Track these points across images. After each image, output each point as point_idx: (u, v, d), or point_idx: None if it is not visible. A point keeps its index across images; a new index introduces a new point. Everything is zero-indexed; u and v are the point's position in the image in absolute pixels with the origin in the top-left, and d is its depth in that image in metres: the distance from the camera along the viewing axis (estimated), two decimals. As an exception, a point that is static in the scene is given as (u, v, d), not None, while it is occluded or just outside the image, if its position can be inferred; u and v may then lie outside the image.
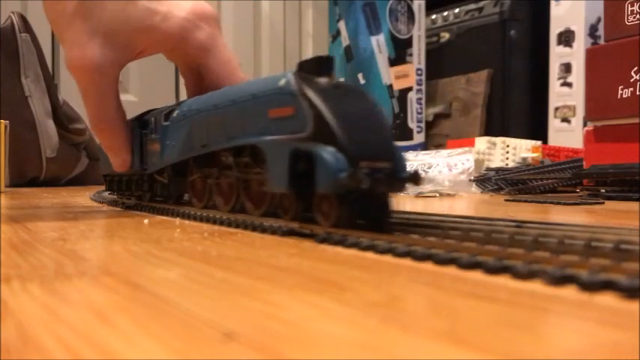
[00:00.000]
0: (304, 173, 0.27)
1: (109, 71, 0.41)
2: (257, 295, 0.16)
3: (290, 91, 0.28)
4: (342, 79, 0.30)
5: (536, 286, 0.16)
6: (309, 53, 1.80)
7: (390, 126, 0.33)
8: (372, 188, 0.25)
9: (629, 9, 0.65)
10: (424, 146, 1.52)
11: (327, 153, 0.25)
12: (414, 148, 1.41)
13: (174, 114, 0.41)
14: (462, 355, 0.11)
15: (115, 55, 0.41)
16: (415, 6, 1.50)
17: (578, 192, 0.73)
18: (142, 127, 0.45)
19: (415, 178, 0.27)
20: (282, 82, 0.29)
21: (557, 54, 1.32)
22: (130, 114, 0.46)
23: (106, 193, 0.61)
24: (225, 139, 0.34)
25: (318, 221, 0.27)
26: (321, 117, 0.27)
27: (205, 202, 0.38)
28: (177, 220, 0.37)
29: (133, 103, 1.37)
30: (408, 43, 1.50)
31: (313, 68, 0.29)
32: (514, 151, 0.98)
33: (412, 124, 1.51)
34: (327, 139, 0.26)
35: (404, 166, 0.28)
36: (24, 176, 1.11)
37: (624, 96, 0.65)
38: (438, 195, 0.73)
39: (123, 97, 0.44)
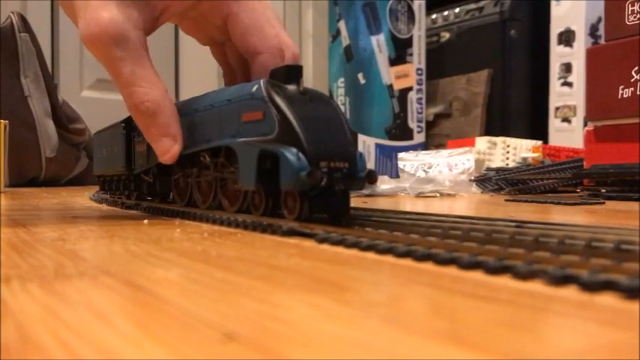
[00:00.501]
0: (272, 172, 0.30)
1: (134, 35, 0.34)
2: (257, 295, 0.16)
3: (260, 97, 0.31)
4: (308, 87, 0.33)
5: (536, 286, 0.16)
6: (309, 53, 1.80)
7: (351, 129, 0.35)
8: (330, 185, 0.28)
9: (630, 9, 0.65)
10: (424, 146, 1.52)
11: (290, 153, 0.28)
12: (414, 148, 1.41)
13: None
14: (462, 356, 0.11)
15: (137, 16, 0.34)
16: (415, 6, 1.50)
17: (578, 192, 0.73)
18: (130, 129, 0.47)
19: (371, 177, 0.30)
20: (254, 88, 0.32)
21: (558, 54, 1.32)
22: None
23: (102, 193, 0.61)
24: (204, 141, 0.37)
25: (284, 215, 0.30)
26: (286, 120, 0.29)
27: (187, 199, 0.41)
28: (177, 220, 0.37)
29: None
30: (408, 42, 1.50)
31: (283, 76, 0.32)
32: (514, 151, 0.98)
33: (412, 124, 1.51)
34: (291, 141, 0.29)
35: (362, 166, 0.31)
36: (23, 176, 1.11)
37: (625, 96, 0.65)
38: (438, 195, 0.73)
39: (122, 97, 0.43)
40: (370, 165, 1.36)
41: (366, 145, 1.47)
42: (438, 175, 0.82)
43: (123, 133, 0.47)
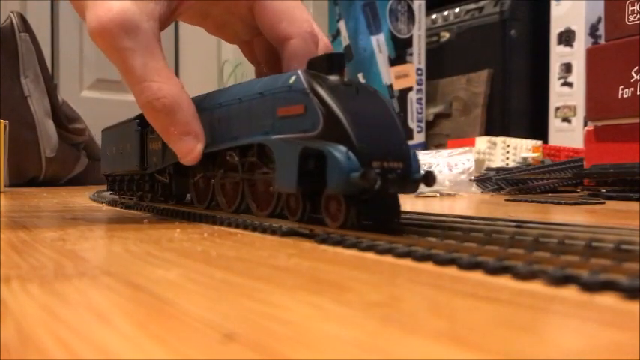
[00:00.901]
0: (312, 173, 0.27)
1: (147, 26, 0.31)
2: (257, 295, 0.16)
3: (300, 89, 0.28)
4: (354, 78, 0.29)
5: (536, 286, 0.16)
6: (309, 53, 1.80)
7: (403, 125, 0.32)
8: (384, 189, 0.25)
9: (630, 9, 0.65)
10: (424, 146, 1.52)
11: (339, 152, 0.25)
12: (414, 148, 1.40)
13: None
14: (463, 356, 0.11)
15: (153, 6, 0.31)
16: (415, 6, 1.50)
17: (578, 192, 0.73)
18: (142, 125, 0.45)
19: (428, 179, 0.27)
20: (292, 79, 0.28)
21: (558, 54, 1.32)
22: (130, 114, 0.46)
23: (107, 193, 0.61)
24: (230, 139, 0.33)
25: (325, 223, 0.27)
26: (332, 115, 0.26)
27: (208, 203, 0.38)
28: (177, 221, 0.37)
29: (133, 103, 1.36)
30: (408, 42, 1.50)
31: (323, 66, 0.29)
32: (514, 151, 0.98)
33: (412, 124, 1.51)
34: (338, 138, 0.25)
35: (417, 167, 0.27)
36: (23, 176, 1.11)
37: (624, 96, 0.65)
38: (438, 195, 0.73)
39: (122, 97, 0.43)
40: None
41: (366, 145, 1.46)
42: (438, 175, 0.82)
43: (137, 130, 0.44)
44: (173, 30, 1.53)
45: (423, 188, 0.27)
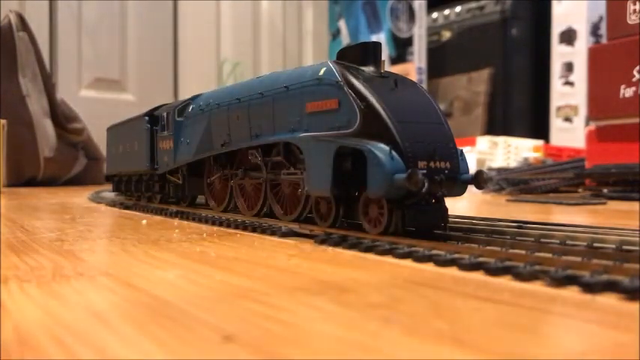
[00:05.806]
0: (348, 174, 0.25)
1: None
2: (256, 296, 0.16)
3: (333, 82, 0.25)
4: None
5: (538, 287, 0.16)
6: (309, 52, 1.80)
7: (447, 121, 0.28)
8: (431, 191, 0.23)
9: (631, 8, 0.65)
10: (425, 145, 1.51)
11: (381, 151, 0.23)
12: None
13: (190, 109, 0.38)
14: (464, 357, 0.10)
15: None
16: (416, 4, 1.50)
17: (580, 192, 0.73)
18: (152, 123, 0.43)
19: (479, 180, 0.25)
20: (322, 71, 0.26)
21: (559, 53, 1.32)
22: (129, 114, 0.46)
23: (107, 194, 0.61)
24: (251, 137, 0.31)
25: (364, 229, 0.25)
26: (371, 110, 0.24)
27: (226, 205, 0.36)
28: (176, 221, 0.36)
29: (131, 102, 1.36)
30: (409, 41, 1.50)
31: (356, 55, 0.26)
32: (516, 150, 0.98)
33: (413, 124, 1.51)
34: (378, 136, 0.23)
35: (465, 167, 0.25)
36: (21, 176, 1.11)
37: (626, 95, 0.65)
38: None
39: (121, 96, 0.42)
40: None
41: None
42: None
43: (147, 128, 0.43)
44: (172, 29, 1.53)
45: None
